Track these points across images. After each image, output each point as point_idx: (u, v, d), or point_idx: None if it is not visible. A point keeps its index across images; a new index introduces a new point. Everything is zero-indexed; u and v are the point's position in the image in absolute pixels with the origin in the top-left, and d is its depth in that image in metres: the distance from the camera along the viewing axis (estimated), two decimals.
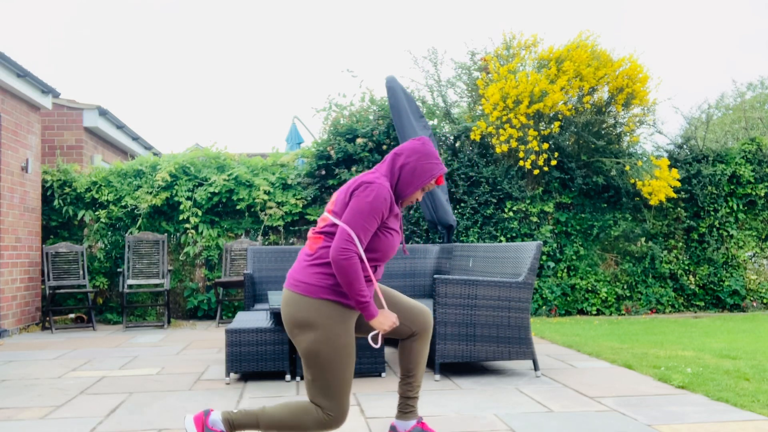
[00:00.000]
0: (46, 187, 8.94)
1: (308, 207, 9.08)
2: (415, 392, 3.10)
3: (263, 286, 6.34)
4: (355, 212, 2.76)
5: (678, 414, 3.64)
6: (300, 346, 2.80)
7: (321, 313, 2.75)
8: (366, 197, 2.78)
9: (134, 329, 8.09)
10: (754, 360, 5.16)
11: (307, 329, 2.76)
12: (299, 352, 2.82)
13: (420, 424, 3.10)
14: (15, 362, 5.74)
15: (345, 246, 2.71)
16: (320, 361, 2.75)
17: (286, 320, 2.83)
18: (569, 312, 8.94)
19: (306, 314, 2.76)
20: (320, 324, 2.75)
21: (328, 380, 2.76)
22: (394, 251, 2.94)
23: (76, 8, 56.73)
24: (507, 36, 9.16)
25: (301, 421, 2.78)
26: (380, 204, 2.79)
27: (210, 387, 4.54)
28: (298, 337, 2.80)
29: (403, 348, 3.10)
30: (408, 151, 2.95)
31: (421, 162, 2.93)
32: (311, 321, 2.75)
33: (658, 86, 11.16)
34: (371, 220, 2.77)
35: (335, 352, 2.75)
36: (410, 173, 2.92)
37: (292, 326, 2.81)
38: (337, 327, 2.77)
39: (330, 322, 2.75)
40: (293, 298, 2.80)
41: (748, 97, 25.03)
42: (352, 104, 9.42)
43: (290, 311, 2.81)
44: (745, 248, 9.56)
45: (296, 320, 2.78)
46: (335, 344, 2.76)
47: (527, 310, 4.73)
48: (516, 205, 8.90)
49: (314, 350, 2.74)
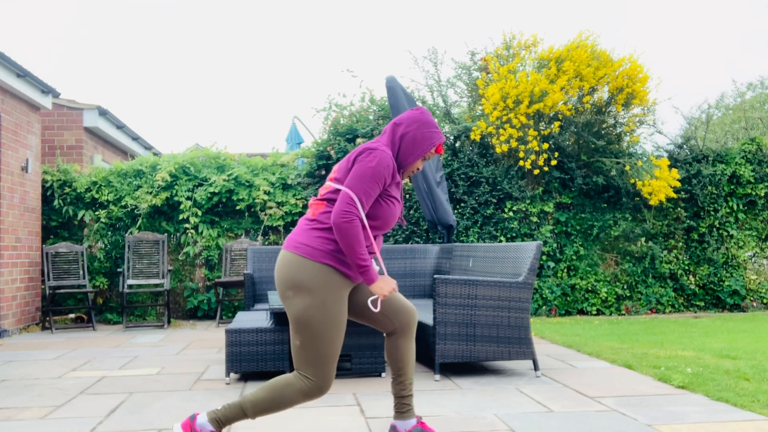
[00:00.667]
0: (46, 187, 8.94)
1: (308, 207, 9.07)
2: (408, 390, 3.09)
3: (263, 286, 6.34)
4: (358, 177, 2.78)
5: (678, 414, 3.64)
6: (292, 310, 2.78)
7: (319, 277, 2.75)
8: (369, 162, 2.79)
9: (134, 329, 8.09)
10: (754, 360, 5.16)
11: (302, 292, 2.75)
12: (290, 317, 2.80)
13: (420, 423, 3.10)
14: (15, 362, 5.74)
15: (347, 209, 2.72)
16: (311, 327, 2.73)
17: (283, 281, 2.81)
18: (569, 312, 8.94)
19: (304, 276, 2.75)
20: (317, 289, 2.74)
21: (317, 348, 2.74)
22: (395, 220, 2.96)
23: (76, 8, 56.73)
24: (507, 36, 9.16)
25: (284, 396, 2.77)
26: (383, 169, 2.80)
27: (210, 387, 4.55)
28: (291, 300, 2.78)
29: (389, 348, 3.08)
30: (407, 120, 2.97)
31: (421, 130, 2.95)
32: (308, 284, 2.75)
33: (658, 86, 11.17)
34: (373, 185, 2.79)
35: (327, 320, 2.75)
36: (411, 142, 2.94)
37: (287, 288, 2.79)
38: (333, 294, 2.77)
39: (326, 288, 2.75)
40: (293, 259, 2.79)
41: (748, 97, 25.03)
42: (352, 104, 9.42)
43: (288, 272, 2.79)
44: (745, 248, 9.56)
45: (293, 282, 2.77)
46: (329, 311, 2.75)
47: (527, 310, 4.73)
48: (516, 205, 8.90)
49: (307, 315, 2.74)
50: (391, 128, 2.98)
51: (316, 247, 2.78)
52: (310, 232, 2.83)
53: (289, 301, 2.79)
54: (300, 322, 2.76)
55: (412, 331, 3.09)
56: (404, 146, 2.94)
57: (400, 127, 2.96)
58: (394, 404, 3.12)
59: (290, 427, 3.48)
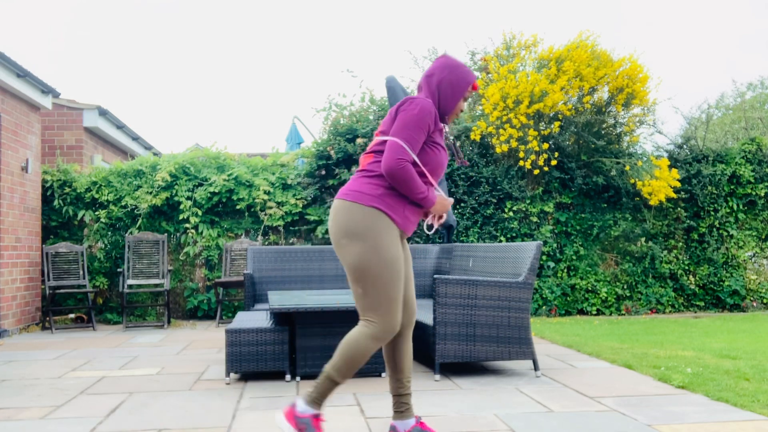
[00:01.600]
0: (46, 187, 8.93)
1: (308, 207, 9.08)
2: (406, 389, 3.10)
3: (263, 286, 6.34)
4: (403, 125, 2.86)
5: (678, 414, 3.64)
6: (347, 258, 2.84)
7: (368, 220, 2.83)
8: (412, 110, 2.87)
9: (134, 329, 8.09)
10: (754, 360, 5.16)
11: (355, 239, 2.82)
12: (346, 266, 2.87)
13: (419, 423, 3.10)
14: (15, 362, 5.74)
15: (397, 156, 2.80)
16: (369, 272, 2.80)
17: (336, 230, 2.89)
18: (569, 312, 8.94)
19: (356, 222, 2.83)
20: (368, 232, 2.82)
21: (378, 292, 2.81)
22: (443, 168, 3.03)
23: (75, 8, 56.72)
24: (507, 36, 9.16)
25: (358, 347, 2.83)
26: (426, 116, 2.87)
27: (210, 387, 4.55)
28: (345, 248, 2.84)
29: (387, 346, 3.11)
30: (439, 68, 3.02)
31: (455, 73, 3.00)
32: (360, 229, 2.82)
33: (658, 86, 11.17)
34: (419, 131, 2.86)
35: (384, 264, 2.81)
36: (448, 86, 3.00)
37: (340, 236, 2.86)
38: (385, 238, 2.83)
39: (377, 231, 2.82)
40: (343, 206, 2.89)
41: (748, 97, 25.03)
42: (352, 104, 9.42)
43: (340, 219, 2.88)
44: (745, 248, 9.56)
45: (345, 228, 2.84)
46: (384, 256, 2.81)
47: (527, 310, 4.73)
48: (516, 205, 8.90)
49: (363, 261, 2.80)
50: (425, 81, 3.03)
51: (366, 192, 2.87)
52: (359, 180, 2.94)
53: (344, 250, 2.86)
54: (357, 269, 2.82)
55: (410, 331, 3.13)
56: (443, 93, 3.00)
57: (434, 77, 3.01)
58: (392, 403, 3.12)
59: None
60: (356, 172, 3.01)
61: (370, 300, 2.82)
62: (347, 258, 2.84)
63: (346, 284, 6.48)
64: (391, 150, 2.82)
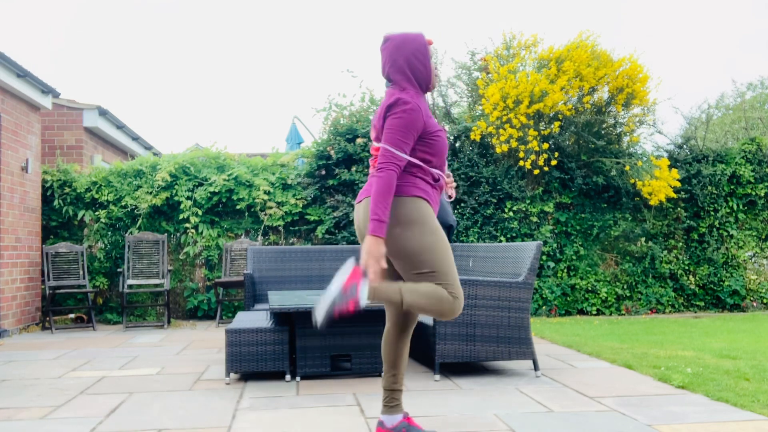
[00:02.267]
0: (46, 187, 8.93)
1: (308, 207, 9.08)
2: (399, 385, 3.13)
3: (263, 286, 6.34)
4: (390, 131, 2.90)
5: (678, 414, 3.64)
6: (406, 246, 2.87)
7: (418, 207, 2.91)
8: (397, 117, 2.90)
9: (134, 329, 8.09)
10: (754, 360, 5.16)
11: (409, 226, 2.88)
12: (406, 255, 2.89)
13: (407, 419, 3.12)
14: (15, 362, 5.74)
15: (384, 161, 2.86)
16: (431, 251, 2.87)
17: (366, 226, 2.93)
18: (569, 312, 8.93)
19: (405, 211, 2.89)
20: (419, 217, 2.90)
21: (444, 267, 2.88)
22: (446, 150, 3.07)
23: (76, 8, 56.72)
24: (507, 36, 9.16)
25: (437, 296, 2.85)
26: (412, 121, 2.90)
27: (210, 387, 4.55)
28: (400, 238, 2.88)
29: (386, 340, 3.14)
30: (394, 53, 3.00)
31: (410, 46, 3.00)
32: (412, 216, 2.89)
33: (658, 86, 11.16)
34: (407, 135, 2.90)
35: (439, 240, 2.90)
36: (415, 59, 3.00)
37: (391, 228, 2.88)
38: (434, 219, 2.94)
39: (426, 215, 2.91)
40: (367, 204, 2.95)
41: (748, 97, 25.02)
42: (352, 104, 9.42)
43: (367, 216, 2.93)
44: (745, 248, 9.56)
45: (398, 219, 2.88)
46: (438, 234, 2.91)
47: (527, 310, 4.73)
48: (516, 205, 8.90)
49: (423, 243, 2.87)
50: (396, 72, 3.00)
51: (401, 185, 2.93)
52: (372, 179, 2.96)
53: (398, 240, 2.89)
54: (419, 252, 2.87)
55: (411, 328, 3.16)
56: (415, 69, 3.00)
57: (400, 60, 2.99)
58: (383, 398, 3.14)
59: (290, 427, 3.49)
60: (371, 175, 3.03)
61: (440, 275, 2.87)
62: (406, 245, 2.89)
63: None
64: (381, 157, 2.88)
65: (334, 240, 8.84)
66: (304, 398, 4.13)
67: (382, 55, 3.03)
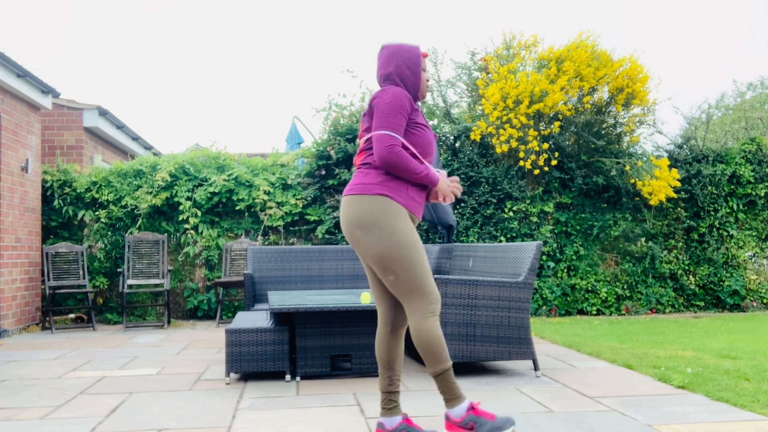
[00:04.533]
0: (46, 187, 8.93)
1: (308, 207, 9.08)
2: (396, 386, 3.13)
3: (263, 286, 6.34)
4: (381, 116, 2.92)
5: (678, 414, 3.64)
6: (368, 251, 2.89)
7: (378, 208, 2.88)
8: (385, 99, 2.94)
9: (134, 329, 8.09)
10: (754, 360, 5.16)
11: (369, 228, 2.87)
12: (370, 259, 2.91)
13: (406, 420, 3.12)
14: (15, 362, 5.74)
15: (385, 144, 2.87)
16: (393, 258, 2.85)
17: (348, 224, 2.94)
18: (569, 312, 8.93)
19: (365, 211, 2.88)
20: (381, 219, 2.87)
21: (409, 274, 2.86)
22: (433, 146, 3.08)
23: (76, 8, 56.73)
24: (507, 36, 9.16)
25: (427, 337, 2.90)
26: (400, 100, 2.93)
27: (210, 387, 4.55)
28: (362, 242, 2.89)
29: (379, 342, 3.15)
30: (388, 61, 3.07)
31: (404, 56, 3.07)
32: (371, 218, 2.87)
33: (658, 86, 11.17)
34: (398, 116, 2.92)
35: (403, 246, 2.86)
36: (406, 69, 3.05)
37: (354, 228, 2.91)
38: (398, 221, 2.88)
39: (389, 216, 2.87)
40: (350, 200, 2.95)
41: (748, 97, 25.01)
42: (352, 104, 9.42)
43: (349, 213, 2.93)
44: (745, 248, 9.56)
45: (357, 220, 2.89)
46: (401, 239, 2.86)
47: (527, 310, 4.73)
48: (516, 205, 8.90)
49: (383, 249, 2.85)
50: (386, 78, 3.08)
51: (366, 183, 2.93)
52: (358, 175, 3.00)
53: (362, 243, 2.91)
54: (381, 258, 2.87)
55: (404, 330, 3.18)
56: (405, 78, 3.06)
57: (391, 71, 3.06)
58: (381, 400, 3.14)
59: (290, 427, 3.49)
60: (355, 171, 3.06)
61: (405, 283, 2.88)
62: (368, 250, 2.89)
63: (346, 284, 6.48)
64: (378, 141, 2.89)
65: (334, 240, 8.84)
66: (304, 398, 4.14)
67: (378, 62, 3.12)
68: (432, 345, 2.91)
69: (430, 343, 2.91)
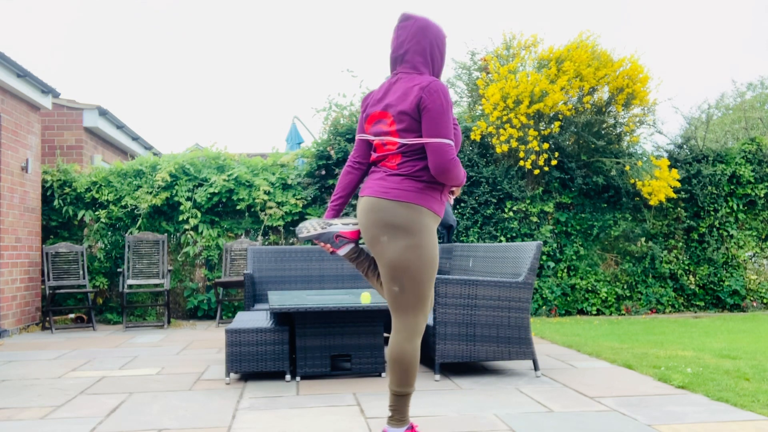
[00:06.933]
0: (46, 187, 8.94)
1: (308, 207, 9.08)
2: None
3: (263, 286, 6.34)
4: (437, 122, 2.73)
5: (678, 414, 3.64)
6: (386, 255, 2.76)
7: (413, 219, 2.75)
8: (437, 101, 2.74)
9: (134, 329, 8.09)
10: (754, 360, 5.16)
11: (399, 236, 2.74)
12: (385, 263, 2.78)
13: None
14: (15, 362, 5.74)
15: (449, 156, 2.73)
16: (409, 271, 2.74)
17: (376, 225, 2.78)
18: (569, 312, 8.93)
19: (399, 219, 2.74)
20: (412, 230, 2.74)
21: (415, 292, 2.77)
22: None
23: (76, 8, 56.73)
24: (507, 36, 9.16)
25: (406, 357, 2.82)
26: (449, 101, 2.80)
27: (210, 387, 4.55)
28: (384, 245, 2.76)
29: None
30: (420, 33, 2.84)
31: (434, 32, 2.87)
32: (403, 226, 2.74)
33: (658, 86, 11.15)
34: (450, 119, 2.78)
35: (425, 263, 2.76)
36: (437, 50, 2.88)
37: (381, 231, 2.76)
38: (430, 237, 2.78)
39: (422, 230, 2.76)
40: (384, 204, 2.77)
41: (748, 97, 25.01)
42: (352, 104, 9.42)
43: (381, 215, 2.77)
44: (745, 248, 9.56)
45: (387, 224, 2.74)
46: (426, 254, 2.76)
47: (527, 310, 4.73)
48: (516, 205, 8.90)
49: (405, 259, 2.73)
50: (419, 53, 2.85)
51: (408, 190, 2.77)
52: (395, 178, 2.81)
53: (384, 246, 2.77)
54: (398, 268, 2.75)
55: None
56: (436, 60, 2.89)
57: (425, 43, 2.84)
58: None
59: (290, 427, 3.49)
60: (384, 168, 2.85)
61: (407, 298, 2.78)
62: (386, 254, 2.76)
63: (346, 284, 6.48)
64: (440, 153, 2.72)
65: None
66: (304, 398, 4.14)
67: (401, 33, 2.85)
68: (411, 366, 2.83)
69: (410, 365, 2.83)
